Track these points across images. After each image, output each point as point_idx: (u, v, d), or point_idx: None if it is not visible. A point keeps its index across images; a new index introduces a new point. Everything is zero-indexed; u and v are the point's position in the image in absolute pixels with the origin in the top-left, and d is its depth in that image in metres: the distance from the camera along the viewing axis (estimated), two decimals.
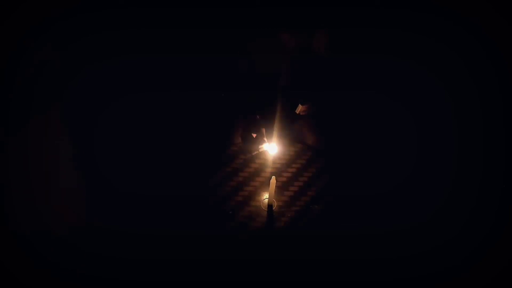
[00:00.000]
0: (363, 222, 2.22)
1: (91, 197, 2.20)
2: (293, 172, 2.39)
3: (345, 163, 2.48)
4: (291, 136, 2.48)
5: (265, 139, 2.26)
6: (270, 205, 2.22)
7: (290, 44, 2.20)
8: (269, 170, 2.34)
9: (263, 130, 2.25)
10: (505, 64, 2.06)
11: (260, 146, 2.27)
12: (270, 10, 2.11)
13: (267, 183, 2.29)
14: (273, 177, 2.07)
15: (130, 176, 2.29)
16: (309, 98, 2.51)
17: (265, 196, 2.26)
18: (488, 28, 2.08)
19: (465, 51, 2.21)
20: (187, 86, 2.49)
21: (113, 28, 2.19)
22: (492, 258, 1.94)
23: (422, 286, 2.06)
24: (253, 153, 2.28)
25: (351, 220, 2.24)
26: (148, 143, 2.45)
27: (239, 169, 2.36)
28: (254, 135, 2.28)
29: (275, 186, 2.14)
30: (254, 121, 2.30)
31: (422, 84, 2.44)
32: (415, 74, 2.44)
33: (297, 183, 2.36)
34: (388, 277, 2.07)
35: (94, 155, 2.21)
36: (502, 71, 2.08)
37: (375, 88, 2.56)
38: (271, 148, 2.25)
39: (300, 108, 2.40)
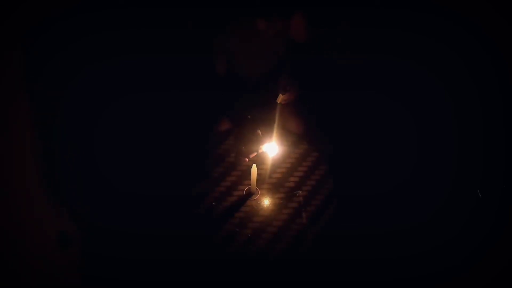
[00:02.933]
0: (363, 222, 2.22)
1: (91, 197, 2.20)
2: (288, 169, 2.36)
3: (345, 163, 2.48)
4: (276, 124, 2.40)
5: (263, 140, 2.15)
6: (252, 194, 2.17)
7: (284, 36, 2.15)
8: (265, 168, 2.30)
9: (259, 131, 2.16)
10: (505, 64, 2.06)
11: (259, 147, 2.17)
12: (270, 10, 2.11)
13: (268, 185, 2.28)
14: (254, 165, 2.02)
15: (130, 176, 2.29)
16: (308, 98, 2.50)
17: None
18: (488, 28, 2.08)
19: (465, 51, 2.20)
20: (187, 86, 2.49)
21: (113, 28, 2.19)
22: (492, 258, 1.94)
23: (422, 286, 2.06)
24: (251, 156, 2.19)
25: (351, 220, 2.24)
26: (148, 143, 2.45)
27: (233, 168, 2.34)
28: (259, 133, 2.17)
29: (262, 175, 2.08)
30: (246, 121, 2.22)
31: (422, 84, 2.45)
32: (415, 74, 2.44)
33: (294, 181, 2.34)
34: (388, 277, 2.07)
35: (94, 155, 2.21)
36: (502, 71, 2.08)
37: (375, 88, 2.56)
38: (271, 148, 2.12)
39: (280, 98, 2.34)
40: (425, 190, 2.29)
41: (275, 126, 2.26)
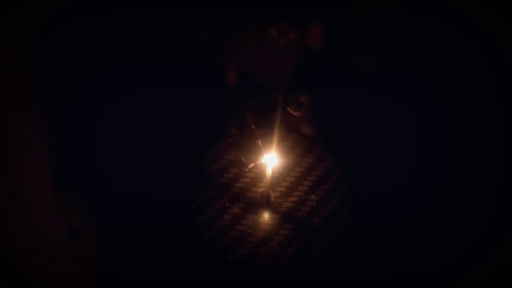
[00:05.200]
0: (363, 222, 2.22)
1: (91, 197, 2.20)
2: (295, 176, 2.35)
3: (344, 163, 2.47)
4: (287, 125, 2.38)
5: (262, 150, 2.13)
6: (265, 197, 2.15)
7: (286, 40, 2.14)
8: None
9: (259, 142, 2.14)
10: (505, 64, 2.06)
11: (258, 158, 2.15)
12: (269, 10, 2.11)
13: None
14: (269, 169, 1.99)
15: (130, 176, 2.29)
16: (308, 99, 2.50)
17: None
18: (488, 28, 2.07)
19: (465, 51, 2.20)
20: (187, 86, 2.49)
21: (113, 28, 2.18)
22: (492, 258, 1.94)
23: (422, 286, 2.06)
24: (250, 167, 2.17)
25: (350, 220, 2.24)
26: (149, 143, 2.45)
27: (240, 173, 2.33)
28: (259, 143, 2.13)
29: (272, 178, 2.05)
30: (248, 129, 2.20)
31: (423, 84, 2.45)
32: (416, 74, 2.44)
33: (307, 185, 2.33)
34: (388, 277, 2.07)
35: (94, 155, 2.21)
36: (502, 71, 2.08)
37: (375, 88, 2.56)
38: (271, 160, 2.08)
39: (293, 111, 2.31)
40: (425, 190, 2.29)
41: (276, 135, 2.26)
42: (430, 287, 2.06)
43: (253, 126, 2.19)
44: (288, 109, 2.25)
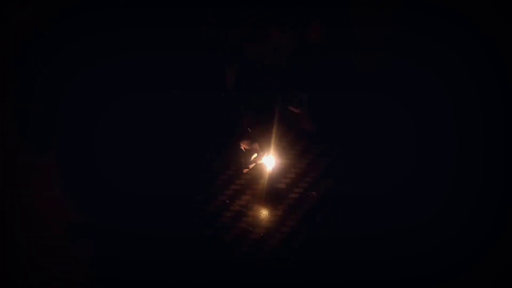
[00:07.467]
0: (363, 222, 2.22)
1: (91, 197, 2.19)
2: (295, 172, 2.36)
3: (345, 163, 2.47)
4: (286, 122, 2.40)
5: (260, 153, 2.17)
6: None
7: (285, 41, 2.14)
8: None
9: (257, 145, 2.18)
10: (505, 64, 2.06)
11: (255, 159, 2.19)
12: (268, 9, 2.11)
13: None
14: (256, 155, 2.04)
15: (130, 176, 2.29)
16: (308, 98, 2.50)
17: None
18: (488, 28, 2.08)
19: (465, 51, 2.21)
20: (187, 86, 2.49)
21: (113, 28, 2.19)
22: (492, 258, 1.94)
23: (422, 286, 2.06)
24: (248, 168, 2.20)
25: (351, 220, 2.24)
26: (148, 143, 2.45)
27: (239, 171, 2.34)
28: (245, 148, 2.21)
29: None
30: (246, 134, 2.24)
31: (423, 84, 2.45)
32: (416, 74, 2.44)
33: (297, 186, 2.34)
34: (388, 277, 2.07)
35: (94, 155, 2.21)
36: (502, 71, 2.08)
37: (375, 88, 2.56)
38: (268, 161, 2.14)
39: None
40: (425, 190, 2.29)
41: (275, 134, 2.27)
42: (430, 287, 2.06)
43: (249, 129, 2.22)
44: (290, 107, 2.26)
